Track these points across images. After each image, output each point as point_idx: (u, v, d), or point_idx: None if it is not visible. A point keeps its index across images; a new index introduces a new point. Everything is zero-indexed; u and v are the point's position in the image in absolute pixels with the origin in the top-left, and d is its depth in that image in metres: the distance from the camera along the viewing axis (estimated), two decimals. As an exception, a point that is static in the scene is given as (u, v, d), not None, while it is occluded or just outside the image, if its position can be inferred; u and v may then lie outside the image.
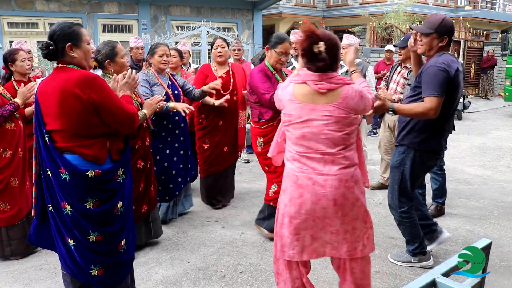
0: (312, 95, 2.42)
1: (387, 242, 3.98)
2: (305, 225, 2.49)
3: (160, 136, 4.19)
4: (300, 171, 2.45)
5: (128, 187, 2.69)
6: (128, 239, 2.71)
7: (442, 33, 3.11)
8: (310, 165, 2.43)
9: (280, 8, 18.26)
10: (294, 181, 2.46)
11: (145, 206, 3.66)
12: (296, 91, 2.45)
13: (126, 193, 2.66)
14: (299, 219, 2.48)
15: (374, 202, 5.05)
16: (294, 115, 2.44)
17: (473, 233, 4.18)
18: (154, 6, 12.01)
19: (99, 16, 11.28)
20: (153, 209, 3.79)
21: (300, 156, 2.46)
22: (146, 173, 3.64)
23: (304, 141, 2.44)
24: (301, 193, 2.44)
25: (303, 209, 2.45)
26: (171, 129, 4.22)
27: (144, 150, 3.58)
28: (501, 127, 10.34)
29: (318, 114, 2.40)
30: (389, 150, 5.28)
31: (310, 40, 2.36)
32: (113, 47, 3.42)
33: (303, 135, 2.43)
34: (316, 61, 2.38)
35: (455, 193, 5.39)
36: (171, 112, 4.11)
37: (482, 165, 6.80)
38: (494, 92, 16.00)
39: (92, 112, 2.42)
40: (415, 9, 16.81)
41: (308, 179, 2.43)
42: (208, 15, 12.61)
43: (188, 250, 3.85)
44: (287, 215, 2.49)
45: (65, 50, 2.45)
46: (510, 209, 4.83)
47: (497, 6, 23.48)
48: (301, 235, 2.50)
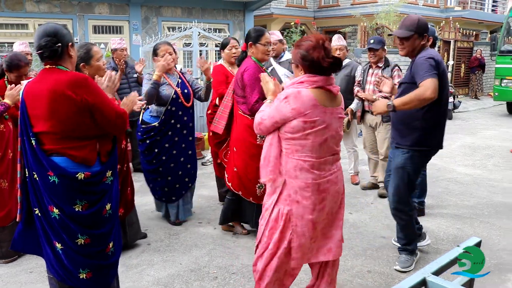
0: (329, 98, 2.47)
1: (379, 242, 4.00)
2: (324, 225, 2.59)
3: (166, 135, 4.14)
4: (320, 178, 2.48)
5: (116, 189, 2.68)
6: (116, 241, 2.70)
7: (421, 32, 3.22)
8: (326, 168, 2.51)
9: (272, 9, 18.28)
10: (316, 189, 2.48)
11: (121, 209, 3.58)
12: (317, 95, 2.42)
13: (113, 195, 2.65)
14: (322, 222, 2.56)
15: (366, 202, 5.06)
16: (318, 120, 2.41)
17: (463, 232, 4.20)
18: (145, 7, 11.97)
19: (90, 17, 11.21)
20: (129, 212, 3.73)
21: (319, 163, 2.47)
22: (123, 176, 3.56)
23: (325, 146, 2.47)
24: (323, 197, 2.51)
25: (325, 212, 2.55)
26: (178, 129, 4.18)
27: (120, 153, 3.45)
28: (490, 127, 10.43)
29: (334, 116, 2.49)
30: (374, 149, 5.31)
31: (325, 48, 2.43)
32: (88, 49, 3.30)
33: (326, 140, 2.46)
34: (334, 66, 2.44)
35: (446, 192, 5.43)
36: (180, 112, 4.11)
37: (472, 164, 6.85)
38: (483, 92, 16.12)
39: (84, 113, 2.40)
40: (405, 9, 16.90)
41: (327, 182, 2.51)
42: (199, 16, 12.59)
43: (180, 251, 3.84)
44: (311, 222, 2.50)
45: (65, 50, 2.45)
46: (500, 208, 4.86)
47: (486, 6, 23.66)
48: (320, 236, 2.59)
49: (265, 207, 2.62)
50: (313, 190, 2.46)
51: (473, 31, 18.19)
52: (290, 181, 2.48)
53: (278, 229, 2.52)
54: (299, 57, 2.48)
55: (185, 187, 4.33)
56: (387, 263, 3.59)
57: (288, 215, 2.50)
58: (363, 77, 5.19)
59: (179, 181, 4.27)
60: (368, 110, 5.17)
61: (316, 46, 2.41)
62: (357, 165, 5.81)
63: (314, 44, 2.43)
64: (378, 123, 5.10)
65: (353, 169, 5.79)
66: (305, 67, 2.47)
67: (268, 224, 2.57)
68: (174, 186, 4.26)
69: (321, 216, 2.54)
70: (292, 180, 2.47)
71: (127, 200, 3.66)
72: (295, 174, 2.46)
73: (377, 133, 5.18)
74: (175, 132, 4.17)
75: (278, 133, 2.50)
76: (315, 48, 2.42)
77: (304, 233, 2.51)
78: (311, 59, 2.42)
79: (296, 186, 2.47)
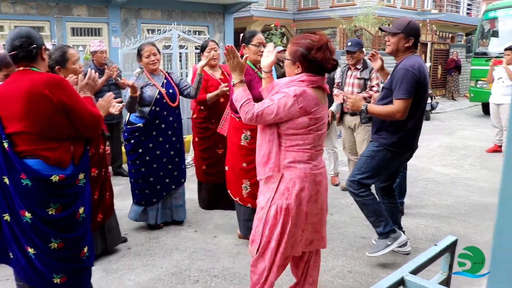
0: (324, 97, 2.57)
1: (359, 242, 4.03)
2: (315, 219, 2.63)
3: (151, 135, 4.11)
4: (316, 169, 2.56)
5: (88, 191, 2.66)
6: (90, 245, 2.67)
7: (408, 34, 3.28)
8: (318, 160, 2.59)
9: (251, 11, 18.30)
10: (313, 180, 2.53)
11: (100, 215, 3.52)
12: (318, 95, 2.50)
13: (86, 197, 2.63)
14: (314, 216, 2.60)
15: (346, 203, 5.10)
16: (320, 117, 2.51)
17: (441, 231, 4.27)
18: (124, 9, 11.85)
19: (68, 19, 11.03)
20: (108, 217, 3.67)
21: (315, 155, 2.56)
22: (101, 181, 3.50)
23: (320, 140, 2.57)
24: (318, 189, 2.57)
25: (319, 203, 2.60)
26: (163, 129, 4.15)
27: (98, 158, 3.42)
28: (467, 127, 10.63)
29: (325, 113, 2.59)
30: (354, 150, 5.37)
31: (330, 50, 2.48)
32: (64, 52, 3.24)
33: (322, 135, 2.57)
34: (334, 68, 2.52)
35: (424, 192, 5.50)
36: (165, 112, 4.10)
37: (449, 164, 6.97)
38: (459, 93, 16.42)
39: (60, 113, 2.40)
40: (383, 12, 17.14)
41: (320, 174, 2.58)
42: (179, 18, 12.52)
43: (160, 255, 3.80)
44: (304, 214, 2.54)
45: (39, 52, 2.46)
46: (476, 206, 4.96)
47: (461, 9, 24.13)
48: (309, 229, 2.63)
49: (259, 206, 2.60)
50: (311, 180, 2.52)
51: (449, 33, 18.52)
52: (288, 174, 2.49)
53: (278, 225, 2.51)
54: (299, 55, 2.46)
55: (166, 188, 4.27)
56: (367, 263, 3.62)
57: (287, 209, 2.49)
58: (342, 79, 5.23)
59: (160, 182, 4.22)
60: (347, 111, 5.22)
61: (321, 48, 2.43)
62: (337, 166, 5.85)
63: (318, 45, 2.43)
64: (357, 125, 5.15)
65: (333, 170, 5.83)
66: (306, 66, 2.47)
67: (267, 223, 2.53)
68: (155, 188, 4.21)
69: (314, 209, 2.57)
70: (291, 171, 2.49)
71: (106, 205, 3.61)
72: (294, 166, 2.49)
73: (356, 135, 5.23)
74: (160, 133, 4.14)
75: (278, 129, 2.49)
76: (320, 49, 2.43)
77: (297, 224, 2.53)
78: (314, 60, 2.43)
79: (296, 177, 2.48)
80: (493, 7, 12.46)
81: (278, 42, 12.43)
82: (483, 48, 12.52)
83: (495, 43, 12.01)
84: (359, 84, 5.04)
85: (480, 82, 11.63)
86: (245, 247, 3.82)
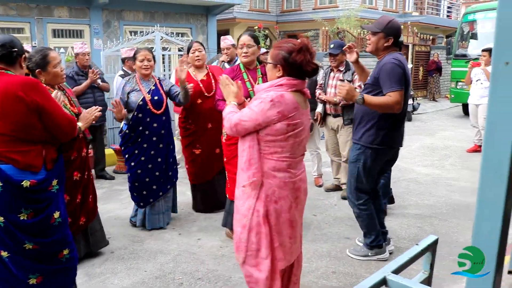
0: (304, 101, 2.56)
1: (343, 243, 4.06)
2: (299, 226, 2.64)
3: (136, 142, 4.13)
4: (295, 176, 2.54)
5: (62, 197, 2.64)
6: (71, 247, 2.64)
7: (388, 34, 3.32)
8: (298, 167, 2.57)
9: (234, 13, 18.30)
10: (291, 187, 2.52)
11: (83, 218, 3.49)
12: (297, 99, 2.49)
13: (61, 202, 2.60)
14: (298, 221, 2.61)
15: (330, 204, 5.13)
16: (299, 122, 2.48)
17: (423, 230, 4.32)
18: (106, 10, 11.75)
19: (49, 20, 10.90)
20: (91, 220, 3.63)
21: (295, 163, 2.53)
22: (84, 184, 3.47)
23: (300, 147, 2.55)
24: (297, 195, 2.56)
25: (299, 210, 2.61)
26: (147, 136, 4.15)
27: (80, 161, 3.38)
28: (448, 128, 10.78)
29: (307, 118, 2.57)
30: (337, 151, 5.40)
31: (310, 53, 2.47)
32: (45, 55, 3.15)
33: (302, 141, 2.54)
34: (314, 72, 2.52)
35: (406, 192, 5.57)
36: (148, 119, 4.11)
37: (431, 164, 7.06)
38: (440, 94, 16.66)
39: (34, 115, 2.40)
40: (365, 14, 17.31)
41: (299, 180, 2.57)
42: (161, 20, 12.46)
43: (144, 258, 3.78)
44: (288, 221, 2.53)
45: (19, 59, 2.50)
46: (457, 206, 5.03)
47: (442, 12, 24.50)
48: (297, 237, 2.63)
49: (240, 213, 2.57)
50: (290, 188, 2.51)
51: (430, 35, 18.79)
52: (267, 182, 2.49)
53: (264, 232, 2.50)
54: (280, 58, 2.47)
55: (152, 194, 4.27)
56: (351, 264, 3.65)
57: (267, 216, 2.50)
58: (324, 81, 5.27)
59: (146, 188, 4.23)
60: (330, 113, 5.25)
61: (301, 50, 2.44)
62: (320, 167, 5.89)
63: (298, 47, 2.44)
64: (340, 126, 5.19)
65: (316, 172, 5.86)
66: (286, 70, 2.48)
67: (252, 230, 2.52)
68: (141, 193, 4.24)
69: (297, 215, 2.59)
70: (270, 180, 2.48)
71: (88, 208, 3.57)
72: (273, 174, 2.48)
73: (339, 136, 5.27)
74: (144, 139, 4.15)
75: (257, 135, 2.47)
76: (300, 51, 2.44)
77: (282, 232, 2.52)
78: (294, 62, 2.44)
79: (274, 185, 2.48)
80: (472, 10, 12.67)
81: (262, 45, 12.45)
82: (462, 50, 12.73)
83: (474, 45, 12.21)
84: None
85: (460, 83, 11.80)
86: (230, 250, 3.82)
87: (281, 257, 2.55)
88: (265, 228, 2.50)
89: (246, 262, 2.58)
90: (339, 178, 5.49)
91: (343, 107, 5.05)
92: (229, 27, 18.81)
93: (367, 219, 3.61)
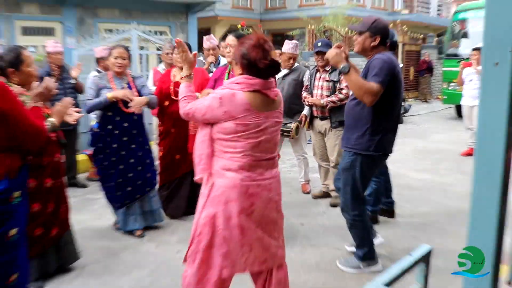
0: (265, 103, 2.48)
1: (333, 253, 4.00)
2: (257, 234, 2.53)
3: (106, 141, 4.15)
4: (249, 180, 2.47)
5: (24, 212, 2.53)
6: (22, 271, 2.52)
7: (374, 33, 3.33)
8: (258, 172, 2.50)
9: (216, 11, 18.25)
10: (243, 191, 2.45)
11: (55, 229, 3.41)
12: (251, 100, 2.42)
13: (21, 218, 2.49)
14: (252, 229, 2.50)
15: (318, 212, 5.08)
16: (251, 124, 2.42)
17: (417, 239, 4.29)
18: (80, 7, 11.58)
19: (18, 17, 10.69)
20: (64, 232, 3.55)
21: (249, 165, 2.47)
22: (57, 192, 3.40)
23: (257, 149, 2.48)
24: (252, 202, 2.48)
25: (256, 218, 2.51)
26: (117, 135, 4.15)
27: (53, 167, 3.32)
28: (440, 130, 10.86)
29: (271, 120, 2.52)
30: (325, 156, 5.36)
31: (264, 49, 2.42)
32: (18, 53, 3.11)
33: (259, 143, 2.47)
34: (271, 70, 2.46)
35: (399, 198, 5.52)
36: (118, 118, 4.10)
37: (424, 169, 7.07)
38: (432, 95, 16.83)
39: None
40: (353, 12, 17.41)
41: (257, 186, 2.49)
42: (139, 17, 12.33)
43: (119, 273, 3.67)
44: (238, 228, 2.46)
45: None
46: (453, 213, 5.02)
47: (432, 10, 24.82)
48: (254, 245, 2.53)
49: (197, 210, 2.60)
50: (241, 192, 2.45)
51: (420, 34, 18.99)
52: (218, 181, 2.48)
53: (206, 234, 2.49)
54: (239, 55, 2.47)
55: (126, 196, 4.28)
56: (342, 277, 3.59)
57: (214, 218, 2.47)
58: (310, 82, 5.23)
59: (119, 189, 4.24)
60: (317, 115, 5.21)
61: (255, 46, 2.41)
62: (307, 173, 5.83)
63: (253, 43, 2.42)
64: (328, 129, 5.14)
65: (303, 178, 5.81)
66: (243, 67, 2.47)
67: (197, 229, 2.54)
68: (115, 193, 4.26)
69: (251, 222, 2.50)
70: (220, 180, 2.47)
71: (61, 218, 3.48)
72: (222, 173, 2.46)
73: (326, 140, 5.23)
74: (113, 139, 4.16)
75: (210, 132, 2.49)
76: (254, 48, 2.41)
77: (231, 238, 2.47)
78: (249, 59, 2.42)
79: (224, 186, 2.46)
80: (462, 8, 12.83)
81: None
82: (454, 49, 12.86)
83: (465, 44, 12.35)
84: (328, 86, 5.05)
85: (452, 84, 11.91)
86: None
87: (225, 264, 2.49)
88: (208, 230, 2.48)
89: (187, 259, 2.61)
90: (328, 185, 5.45)
91: (331, 110, 5.01)
92: (210, 25, 18.78)
93: (362, 230, 3.57)
